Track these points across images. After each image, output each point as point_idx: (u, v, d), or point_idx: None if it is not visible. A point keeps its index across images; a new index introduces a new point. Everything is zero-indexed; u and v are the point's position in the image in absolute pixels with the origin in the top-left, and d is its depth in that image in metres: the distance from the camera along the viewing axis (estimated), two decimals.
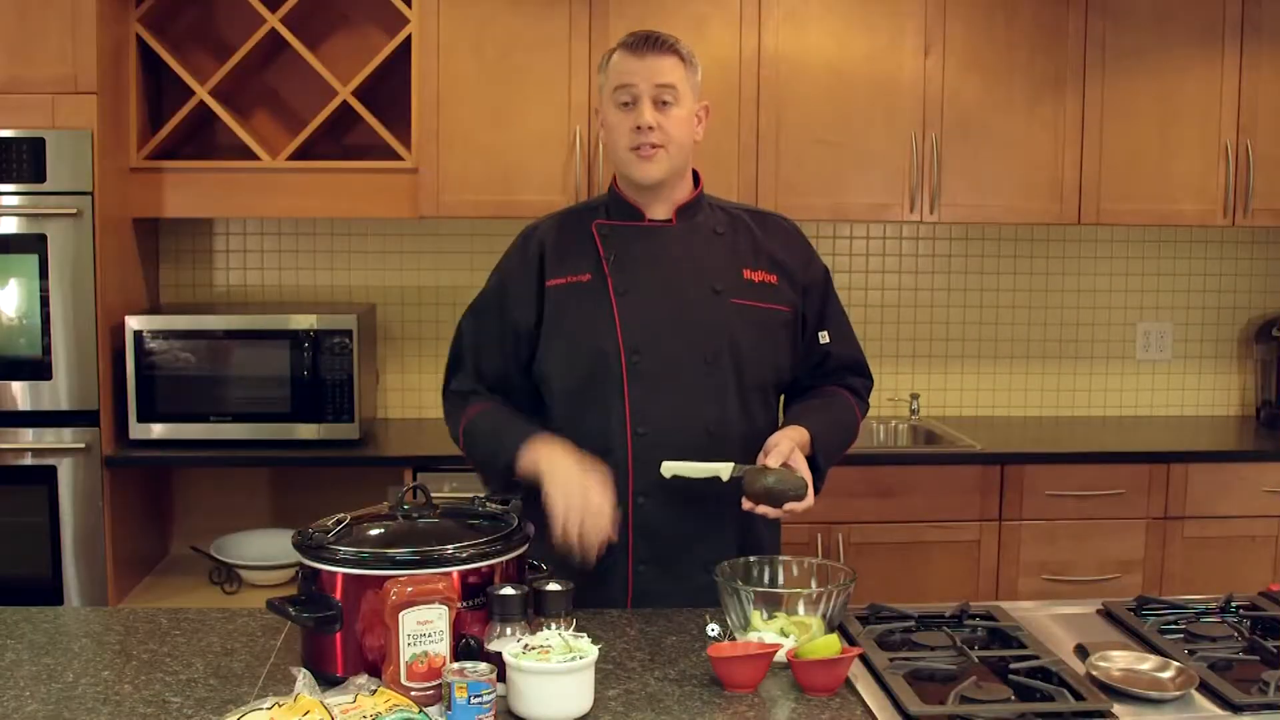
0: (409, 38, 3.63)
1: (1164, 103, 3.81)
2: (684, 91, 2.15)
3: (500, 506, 1.95)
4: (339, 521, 1.82)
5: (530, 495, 2.11)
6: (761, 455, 2.09)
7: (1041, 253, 4.21)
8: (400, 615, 1.65)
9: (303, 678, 1.56)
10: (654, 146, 2.13)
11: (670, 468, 2.09)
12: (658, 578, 2.16)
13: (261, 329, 3.54)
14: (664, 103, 2.13)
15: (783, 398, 2.34)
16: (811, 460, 2.15)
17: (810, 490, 2.06)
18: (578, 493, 2.03)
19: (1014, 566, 3.62)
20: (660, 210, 2.23)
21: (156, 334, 3.48)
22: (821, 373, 2.32)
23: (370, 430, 3.77)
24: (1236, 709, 1.69)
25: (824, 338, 2.29)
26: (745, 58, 3.68)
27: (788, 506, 2.04)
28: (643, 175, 2.16)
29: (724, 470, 2.07)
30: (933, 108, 3.74)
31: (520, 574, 1.85)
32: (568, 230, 2.25)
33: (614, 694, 1.73)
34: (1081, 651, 1.92)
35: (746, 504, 2.05)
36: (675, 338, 2.16)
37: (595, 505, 2.02)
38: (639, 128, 2.12)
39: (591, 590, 2.12)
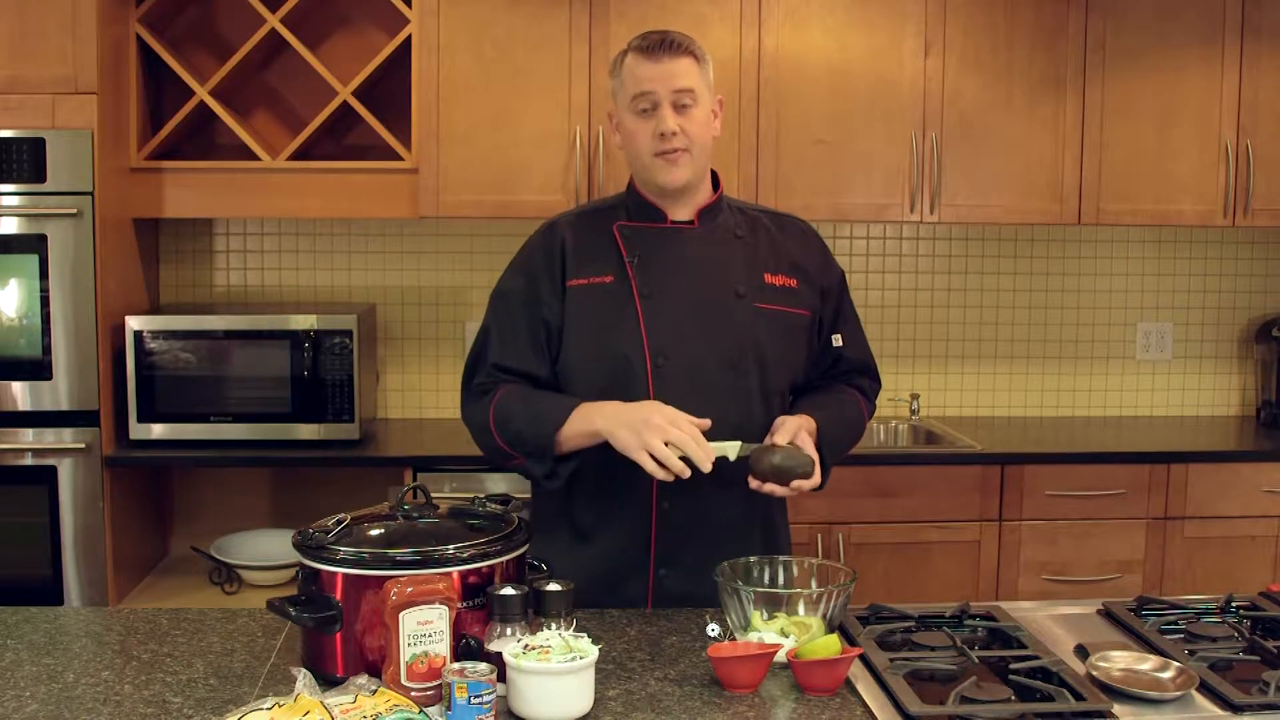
0: (409, 38, 3.63)
1: (1164, 103, 3.81)
2: (701, 92, 2.13)
3: (500, 507, 1.95)
4: (339, 521, 1.82)
5: (577, 467, 2.12)
6: (768, 435, 2.09)
7: (1041, 253, 4.21)
8: (400, 615, 1.65)
9: (303, 678, 1.56)
10: (679, 150, 2.11)
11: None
12: (679, 582, 2.15)
13: (261, 329, 3.54)
14: (684, 105, 2.11)
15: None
16: (816, 452, 2.15)
17: (817, 468, 2.06)
18: (642, 423, 1.98)
19: (1014, 566, 3.62)
20: (682, 212, 2.21)
21: (156, 334, 3.48)
22: (832, 375, 2.32)
23: (370, 430, 3.77)
24: (1236, 709, 1.69)
25: (837, 341, 2.29)
26: (745, 58, 3.68)
27: (795, 484, 2.03)
28: (669, 180, 2.14)
29: (731, 449, 2.06)
30: (933, 108, 3.74)
31: (520, 574, 1.85)
32: (588, 230, 2.22)
33: (614, 694, 1.73)
34: (1081, 651, 1.92)
35: (754, 482, 2.04)
36: (700, 341, 2.15)
37: (664, 420, 1.97)
38: (663, 134, 2.10)
39: (611, 595, 2.12)
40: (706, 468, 1.97)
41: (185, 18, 3.85)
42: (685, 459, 1.97)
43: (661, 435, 1.96)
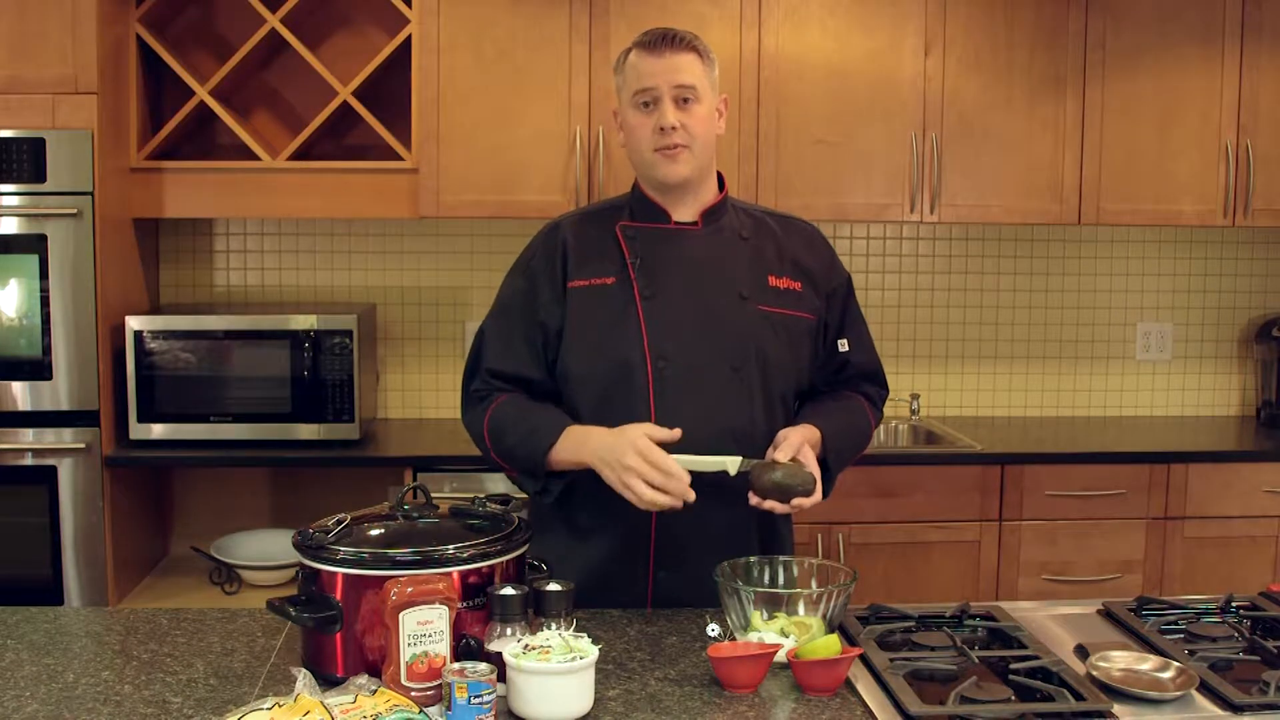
0: (409, 38, 3.63)
1: (1164, 103, 3.81)
2: (704, 88, 2.11)
3: (500, 507, 1.95)
4: (339, 521, 1.82)
5: (569, 484, 2.12)
6: (770, 449, 2.08)
7: (1041, 253, 4.21)
8: (400, 615, 1.65)
9: (303, 678, 1.56)
10: (678, 146, 2.10)
11: (678, 460, 2.07)
12: (678, 585, 2.14)
13: (261, 329, 3.54)
14: (685, 100, 2.10)
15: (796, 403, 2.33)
16: (821, 462, 2.13)
17: (818, 486, 2.05)
18: (619, 464, 1.99)
19: (1014, 566, 3.62)
20: (686, 213, 2.19)
21: (156, 334, 3.49)
22: (839, 380, 2.30)
23: (370, 430, 3.77)
24: (1236, 709, 1.69)
25: (843, 345, 2.27)
26: (745, 58, 3.68)
27: (795, 502, 2.02)
28: (668, 175, 2.12)
29: (731, 464, 2.05)
30: (933, 108, 3.74)
31: (520, 574, 1.85)
32: (591, 230, 2.20)
33: (614, 694, 1.73)
34: (1081, 651, 1.92)
35: (754, 499, 2.03)
36: (702, 344, 2.13)
37: (638, 461, 1.98)
38: (662, 128, 2.09)
39: (611, 595, 2.12)
40: (691, 497, 1.98)
41: (185, 18, 3.85)
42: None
43: (640, 477, 1.97)
